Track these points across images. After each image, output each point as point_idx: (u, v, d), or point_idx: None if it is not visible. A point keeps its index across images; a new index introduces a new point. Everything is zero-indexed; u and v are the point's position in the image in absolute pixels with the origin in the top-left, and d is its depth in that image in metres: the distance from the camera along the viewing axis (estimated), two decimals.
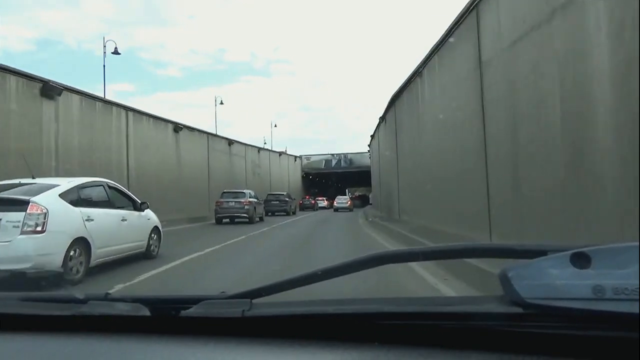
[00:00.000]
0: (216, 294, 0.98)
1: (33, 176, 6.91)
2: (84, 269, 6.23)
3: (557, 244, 0.79)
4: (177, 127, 23.26)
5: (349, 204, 37.44)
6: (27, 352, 0.91)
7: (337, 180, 63.40)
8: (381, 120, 22.24)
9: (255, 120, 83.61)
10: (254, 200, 21.65)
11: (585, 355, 0.72)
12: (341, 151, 52.79)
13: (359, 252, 2.87)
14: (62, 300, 1.05)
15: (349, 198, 41.61)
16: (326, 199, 47.39)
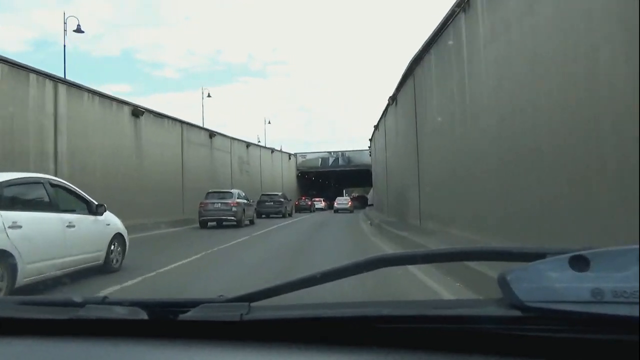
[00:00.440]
0: (214, 297, 0.98)
1: None
2: (3, 292, 4.76)
3: (556, 247, 0.80)
4: (137, 110, 18.74)
5: (349, 205, 37.17)
6: (24, 356, 0.91)
7: (334, 180, 60.90)
8: (391, 101, 17.89)
9: (251, 121, 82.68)
10: (242, 201, 19.44)
11: (584, 358, 0.72)
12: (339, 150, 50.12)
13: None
14: (60, 303, 1.05)
15: (350, 199, 41.53)
16: (323, 200, 45.84)
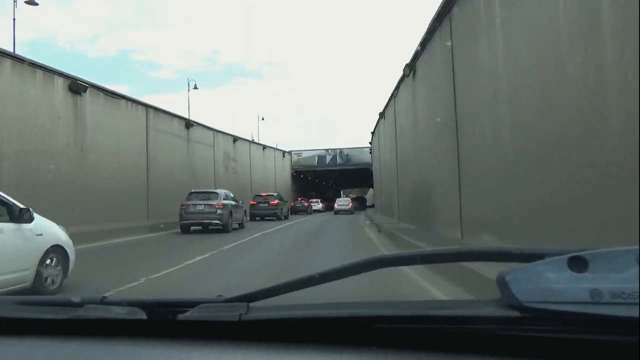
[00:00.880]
0: (213, 297, 0.98)
1: None
2: None
3: (554, 248, 0.80)
4: (77, 84, 14.36)
5: (350, 206, 36.94)
6: (24, 356, 0.91)
7: (332, 180, 57.68)
8: (407, 71, 13.56)
9: (250, 121, 78.97)
10: (230, 202, 17.22)
11: (582, 359, 0.72)
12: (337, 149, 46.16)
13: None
14: (58, 303, 1.05)
15: (351, 199, 41.12)
16: (321, 201, 43.59)
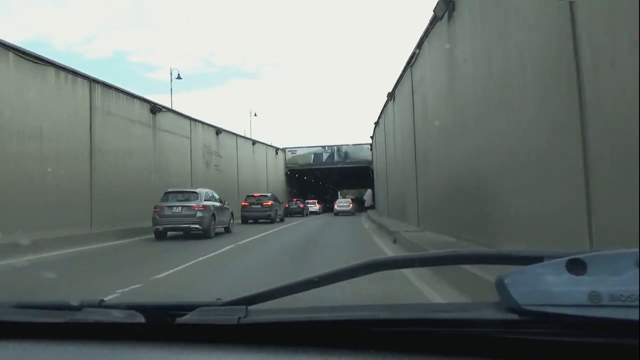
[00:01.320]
0: (212, 300, 0.98)
1: None
2: None
3: (553, 250, 0.79)
4: None
5: (350, 207, 36.29)
6: None
7: (329, 180, 54.36)
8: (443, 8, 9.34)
9: (247, 122, 75.64)
10: (212, 203, 14.78)
11: None
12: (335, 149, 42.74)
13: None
14: (56, 307, 1.03)
15: (351, 200, 40.26)
16: (318, 202, 40.91)
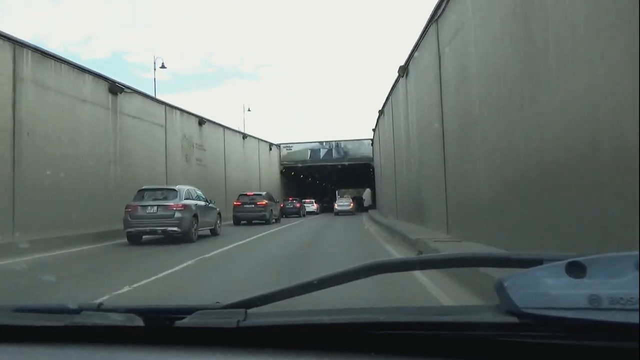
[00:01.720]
0: (211, 303, 0.97)
1: None
2: None
3: (553, 253, 0.79)
4: None
5: (351, 207, 35.82)
6: None
7: (327, 178, 51.44)
8: None
9: (244, 122, 75.20)
10: (195, 202, 12.85)
11: None
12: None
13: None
14: (55, 310, 1.02)
15: (352, 199, 39.88)
16: (315, 202, 38.75)
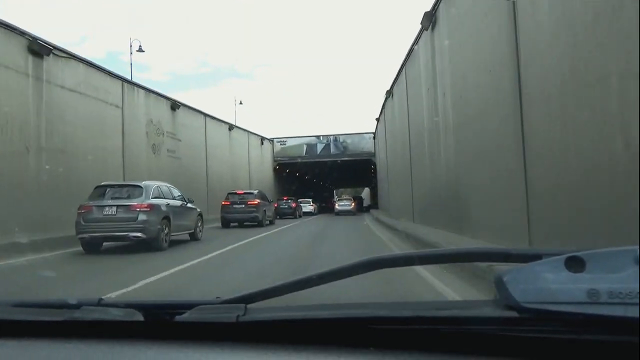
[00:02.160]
0: (211, 298, 0.97)
1: None
2: None
3: (552, 248, 0.80)
4: None
5: (352, 207, 34.88)
6: (20, 358, 0.90)
7: (325, 176, 47.22)
8: None
9: (245, 121, 74.50)
10: (164, 202, 10.50)
11: (580, 359, 0.72)
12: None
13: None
14: (55, 305, 1.02)
15: (353, 199, 39.28)
16: (312, 202, 35.59)
